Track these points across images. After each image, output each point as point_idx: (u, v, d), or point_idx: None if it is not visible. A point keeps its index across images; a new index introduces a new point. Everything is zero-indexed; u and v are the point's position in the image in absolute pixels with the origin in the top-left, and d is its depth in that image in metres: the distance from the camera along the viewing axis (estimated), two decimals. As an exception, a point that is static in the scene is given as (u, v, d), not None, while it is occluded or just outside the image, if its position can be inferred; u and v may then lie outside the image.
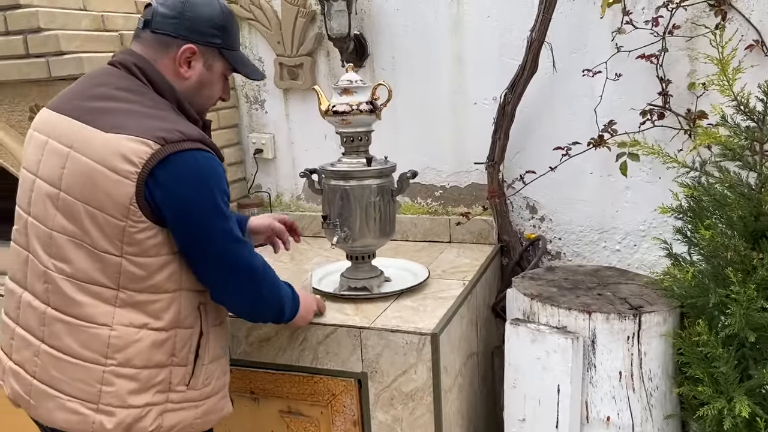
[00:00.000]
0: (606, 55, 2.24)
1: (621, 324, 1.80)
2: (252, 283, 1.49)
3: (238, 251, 1.45)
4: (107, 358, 1.37)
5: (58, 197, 1.36)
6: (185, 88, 1.46)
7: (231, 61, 1.51)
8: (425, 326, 1.77)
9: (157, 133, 1.31)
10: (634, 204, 2.38)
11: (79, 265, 1.36)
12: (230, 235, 1.41)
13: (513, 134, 2.40)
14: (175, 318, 1.42)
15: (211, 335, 1.52)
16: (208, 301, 1.51)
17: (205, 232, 1.37)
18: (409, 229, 2.63)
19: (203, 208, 1.35)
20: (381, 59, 2.55)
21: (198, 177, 1.34)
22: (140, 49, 1.45)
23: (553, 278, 2.11)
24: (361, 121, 1.92)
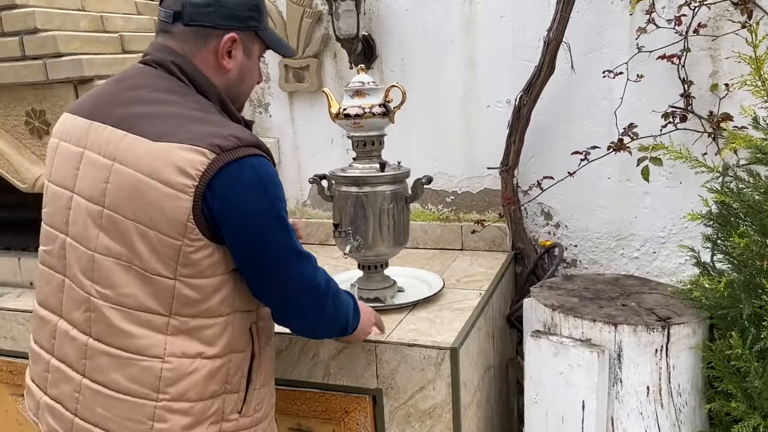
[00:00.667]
0: (625, 56, 2.16)
1: (649, 336, 1.71)
2: (318, 302, 1.37)
3: (302, 269, 1.32)
4: (159, 393, 1.24)
5: (101, 215, 1.22)
6: (228, 83, 1.34)
7: (268, 41, 1.39)
8: (443, 340, 1.69)
9: (212, 140, 1.17)
10: (653, 210, 2.30)
11: (126, 290, 1.22)
12: (294, 250, 1.30)
13: (528, 138, 2.31)
14: (229, 343, 1.31)
15: (263, 357, 1.42)
16: (260, 320, 1.40)
17: (268, 248, 1.25)
18: (419, 236, 2.55)
19: (265, 221, 1.23)
20: (390, 61, 2.47)
21: (258, 187, 1.21)
22: (174, 45, 1.30)
23: (572, 288, 2.03)
24: (373, 124, 1.84)
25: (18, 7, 2.03)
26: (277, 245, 1.26)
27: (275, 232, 1.25)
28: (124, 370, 1.24)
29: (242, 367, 1.35)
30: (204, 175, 1.16)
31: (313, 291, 1.35)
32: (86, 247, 1.26)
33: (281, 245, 1.27)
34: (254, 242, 1.23)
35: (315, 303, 1.37)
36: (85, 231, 1.25)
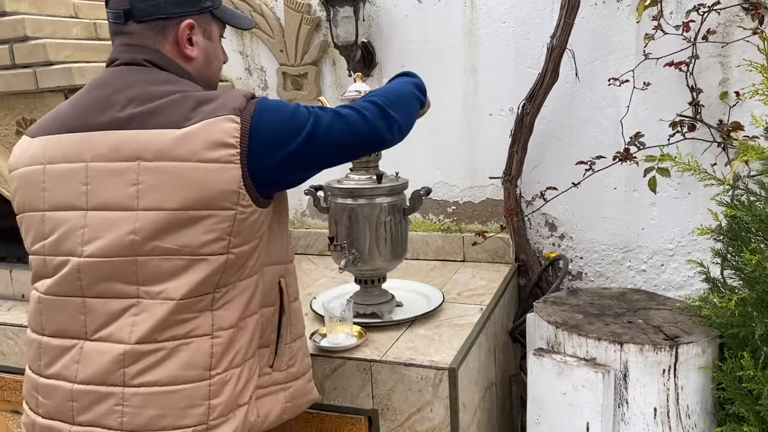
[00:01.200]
0: (632, 63, 2.09)
1: (656, 356, 1.64)
2: (384, 116, 1.34)
3: (356, 127, 1.30)
4: (211, 370, 1.22)
5: (135, 219, 1.18)
6: (197, 70, 1.32)
7: (224, 19, 1.37)
8: (442, 359, 1.62)
9: (229, 106, 1.19)
10: (661, 221, 2.22)
11: (179, 280, 1.20)
12: (335, 114, 1.29)
13: (531, 147, 2.25)
14: (261, 298, 1.33)
15: (292, 311, 1.43)
16: (288, 275, 1.42)
17: (322, 135, 1.25)
18: (420, 248, 2.49)
19: (299, 120, 1.24)
20: (390, 68, 2.41)
21: (277, 118, 1.23)
22: (135, 44, 1.27)
23: (577, 303, 1.96)
24: None
25: (8, 14, 1.99)
26: (326, 125, 1.26)
27: (316, 129, 1.25)
28: (175, 360, 1.20)
29: (272, 322, 1.37)
30: (242, 139, 1.18)
31: (371, 122, 1.32)
32: (124, 255, 1.20)
33: (326, 122, 1.27)
34: (313, 152, 1.26)
35: (381, 125, 1.33)
36: (117, 240, 1.19)
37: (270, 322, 1.37)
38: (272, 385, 1.37)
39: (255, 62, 2.58)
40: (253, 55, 2.58)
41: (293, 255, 1.47)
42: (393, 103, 1.36)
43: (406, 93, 1.45)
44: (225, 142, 1.17)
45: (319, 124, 1.25)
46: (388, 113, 1.33)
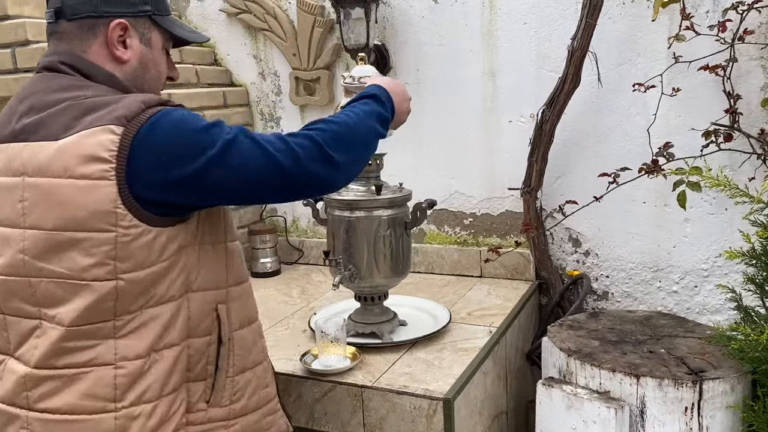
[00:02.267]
0: (661, 67, 1.92)
1: (677, 392, 1.48)
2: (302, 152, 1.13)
3: (256, 145, 1.11)
4: (116, 402, 1.12)
5: (23, 237, 1.12)
6: (128, 74, 1.21)
7: (167, 27, 1.26)
8: (437, 388, 1.50)
9: (115, 114, 1.07)
10: (694, 239, 2.04)
11: (67, 306, 1.11)
12: (236, 135, 1.10)
13: (552, 157, 2.10)
14: (184, 328, 1.18)
15: (236, 341, 1.27)
16: (232, 300, 1.26)
17: (212, 159, 1.08)
18: (434, 261, 2.36)
19: (203, 141, 1.08)
20: (405, 72, 2.30)
21: (171, 138, 1.08)
22: (63, 45, 1.18)
23: (596, 327, 1.80)
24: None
25: (10, 17, 1.96)
26: (217, 146, 1.09)
27: (206, 137, 1.09)
28: (75, 388, 1.12)
29: (207, 354, 1.22)
30: (120, 153, 1.05)
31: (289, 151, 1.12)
32: (20, 275, 1.14)
33: (217, 141, 1.09)
34: (206, 183, 1.09)
35: (310, 167, 1.13)
36: (14, 259, 1.13)
37: (203, 354, 1.22)
38: (209, 422, 1.23)
39: (269, 66, 2.50)
40: (266, 59, 2.50)
41: (243, 276, 1.30)
42: (339, 142, 1.17)
43: (360, 128, 1.25)
44: (97, 156, 1.05)
45: (229, 152, 1.08)
46: (328, 155, 1.15)
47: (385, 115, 1.32)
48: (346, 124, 1.22)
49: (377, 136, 1.31)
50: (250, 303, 1.33)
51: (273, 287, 2.31)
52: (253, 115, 2.57)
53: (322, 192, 1.24)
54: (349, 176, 1.23)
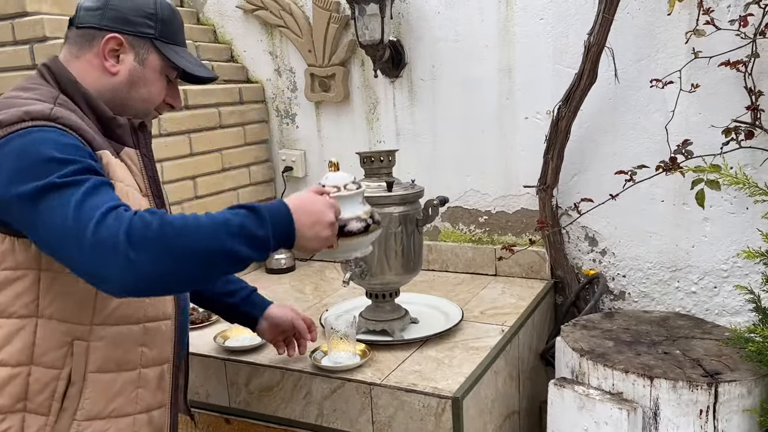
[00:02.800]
0: (681, 62, 1.88)
1: (692, 394, 1.45)
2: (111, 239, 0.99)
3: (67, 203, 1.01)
4: None
5: None
6: (114, 86, 1.25)
7: (168, 55, 1.28)
8: (446, 387, 1.48)
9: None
10: (714, 239, 2.00)
11: None
12: (47, 186, 1.02)
13: (568, 154, 2.07)
14: (26, 351, 1.13)
15: (91, 385, 1.18)
16: (96, 339, 1.18)
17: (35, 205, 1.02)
18: (449, 259, 2.34)
19: (25, 186, 1.03)
20: (420, 68, 2.28)
21: (21, 153, 1.04)
22: (63, 50, 1.27)
23: (610, 327, 1.77)
24: (348, 245, 1.33)
25: (29, 14, 1.98)
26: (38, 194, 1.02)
27: (35, 198, 1.02)
28: None
29: (51, 388, 1.15)
30: None
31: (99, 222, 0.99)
32: None
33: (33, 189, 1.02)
34: (20, 215, 1.04)
35: (102, 255, 0.99)
36: None
37: (47, 387, 1.15)
38: None
39: (284, 63, 2.50)
40: (282, 55, 2.50)
41: (132, 318, 1.22)
42: (149, 240, 0.99)
43: (197, 237, 1.03)
44: None
45: (45, 195, 1.01)
46: (123, 247, 0.98)
47: (256, 234, 1.07)
48: (178, 227, 1.02)
49: (231, 255, 1.05)
50: (132, 350, 1.23)
51: (287, 283, 2.31)
52: (269, 111, 2.58)
53: (96, 284, 1.03)
54: (145, 283, 1.01)
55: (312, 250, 1.20)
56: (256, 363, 1.68)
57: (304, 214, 1.14)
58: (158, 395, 1.30)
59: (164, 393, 1.31)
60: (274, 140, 2.60)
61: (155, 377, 1.29)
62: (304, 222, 1.14)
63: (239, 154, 2.44)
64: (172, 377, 1.35)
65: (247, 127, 2.48)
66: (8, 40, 2.00)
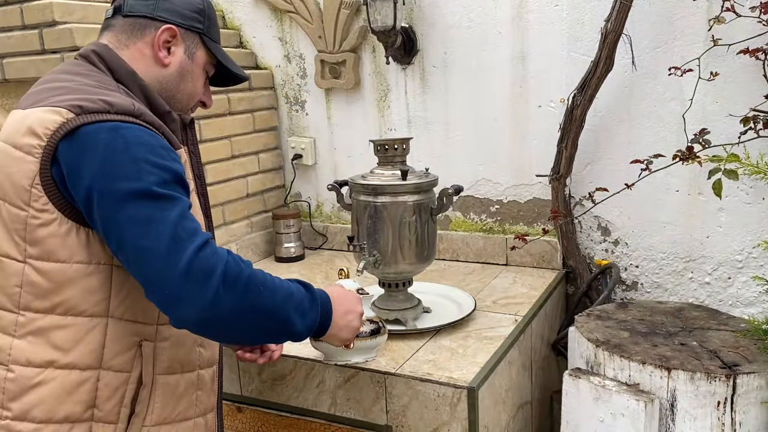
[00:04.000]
0: (699, 50, 1.86)
1: (709, 386, 1.43)
2: (201, 283, 0.99)
3: (158, 236, 0.99)
4: (2, 409, 1.06)
5: None
6: (165, 78, 1.23)
7: (214, 51, 1.28)
8: (461, 377, 1.47)
9: (76, 102, 1.04)
10: (729, 229, 1.98)
11: None
12: (147, 214, 1.00)
13: (582, 143, 2.05)
14: (95, 354, 1.09)
15: (160, 387, 1.16)
16: (162, 340, 1.17)
17: (117, 218, 1.00)
18: (459, 248, 2.32)
19: (112, 186, 1.00)
20: (432, 55, 2.26)
21: (110, 149, 1.01)
22: (108, 37, 1.22)
23: (625, 318, 1.75)
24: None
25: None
26: (126, 213, 1.00)
27: (126, 200, 0.99)
28: None
29: (121, 392, 1.12)
30: (53, 135, 1.02)
31: (187, 267, 0.98)
32: None
33: (131, 212, 1.00)
34: (103, 212, 1.00)
35: (195, 283, 0.98)
36: None
37: (116, 392, 1.11)
38: None
39: (294, 49, 2.48)
40: (292, 41, 2.47)
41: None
42: (241, 286, 1.01)
43: (273, 299, 1.06)
44: (34, 130, 1.03)
45: (137, 200, 0.99)
46: (216, 282, 0.99)
47: (309, 313, 1.13)
48: (260, 281, 1.05)
49: (289, 324, 1.09)
50: (192, 350, 1.22)
51: (297, 272, 2.30)
52: (278, 98, 2.55)
53: (172, 305, 1.00)
54: (218, 322, 1.02)
55: (340, 339, 1.27)
56: (269, 352, 1.66)
57: (339, 303, 1.23)
58: (212, 398, 1.31)
59: (215, 395, 1.32)
60: (283, 127, 2.57)
61: (209, 379, 1.29)
62: (338, 310, 1.22)
63: (248, 141, 2.42)
64: (219, 379, 1.36)
65: (256, 114, 2.46)
66: (17, 25, 1.98)
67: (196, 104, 1.33)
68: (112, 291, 1.10)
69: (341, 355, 1.51)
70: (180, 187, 1.06)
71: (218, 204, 2.28)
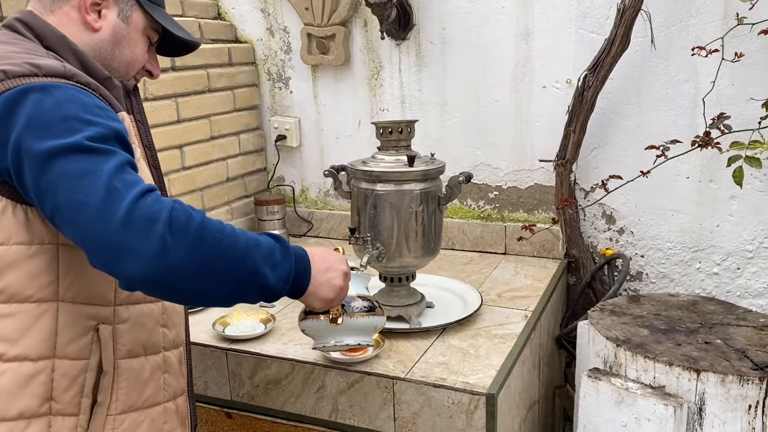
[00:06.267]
0: (717, 29, 1.75)
1: (741, 389, 1.35)
2: (143, 227, 0.86)
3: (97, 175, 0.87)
4: None
5: None
6: (97, 44, 1.10)
7: (153, 14, 1.14)
8: (478, 381, 1.35)
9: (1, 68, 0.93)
10: (740, 218, 1.90)
11: None
12: (80, 146, 0.88)
13: (591, 126, 1.94)
14: (47, 342, 0.99)
15: (123, 373, 1.07)
16: (120, 321, 1.07)
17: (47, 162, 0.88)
18: (456, 236, 2.20)
19: (45, 142, 0.88)
20: (428, 30, 2.11)
21: (39, 109, 0.90)
22: (32, 3, 1.10)
23: (640, 313, 1.66)
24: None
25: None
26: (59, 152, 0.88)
27: (57, 157, 0.87)
28: None
29: (80, 382, 1.02)
30: None
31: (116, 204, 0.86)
32: None
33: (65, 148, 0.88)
34: (32, 174, 0.89)
35: (136, 233, 0.86)
36: None
37: (75, 382, 1.02)
38: None
39: (277, 21, 2.30)
40: (275, 13, 2.29)
41: (148, 297, 1.10)
42: (191, 233, 0.89)
43: (236, 251, 0.93)
44: None
45: (67, 156, 0.87)
46: (162, 229, 0.86)
47: (282, 264, 1.00)
48: (217, 228, 0.92)
49: (258, 277, 0.96)
50: (155, 330, 1.14)
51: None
52: (260, 74, 2.38)
53: (115, 261, 0.87)
54: (170, 275, 0.88)
55: (321, 299, 1.11)
56: (262, 354, 1.52)
57: (320, 260, 1.10)
58: (180, 380, 1.22)
59: (184, 378, 1.24)
60: (264, 106, 2.40)
61: (176, 361, 1.20)
62: (318, 267, 1.09)
63: (228, 121, 2.24)
64: (187, 360, 1.26)
65: (237, 92, 2.28)
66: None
67: (141, 73, 1.20)
68: (60, 273, 1.00)
69: (331, 334, 1.24)
70: (119, 144, 0.93)
71: (197, 189, 2.11)
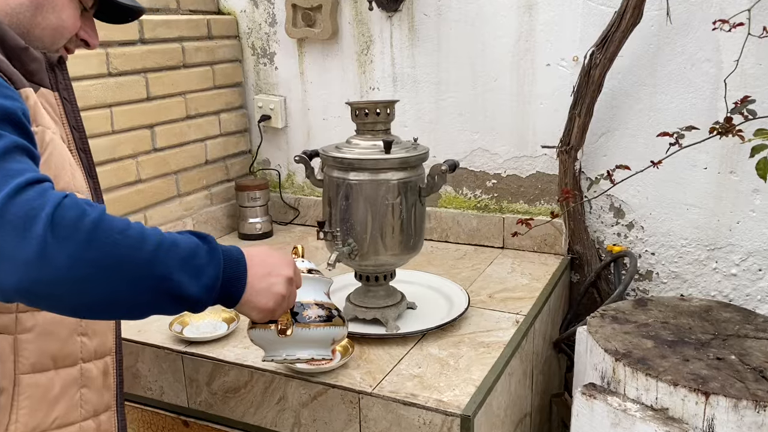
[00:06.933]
0: (745, 1, 1.55)
1: (757, 416, 1.17)
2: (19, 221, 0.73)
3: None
4: None
5: None
6: (14, 9, 0.98)
7: None
8: (454, 399, 1.20)
9: None
10: (764, 214, 1.71)
11: None
12: None
13: (598, 109, 1.75)
14: None
15: (26, 390, 0.97)
16: (23, 331, 0.96)
17: None
18: (450, 228, 2.03)
19: None
20: (423, 1, 1.92)
21: None
22: None
23: (646, 320, 1.48)
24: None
25: None
26: None
27: None
28: None
29: None
30: None
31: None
32: None
33: None
34: None
35: (9, 233, 0.72)
36: None
37: None
38: None
39: (261, -9, 2.13)
40: (259, -18, 2.12)
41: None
42: (87, 239, 0.73)
43: (140, 255, 0.77)
44: None
45: None
46: (46, 234, 0.71)
47: (205, 269, 0.84)
48: (118, 229, 0.77)
49: (170, 285, 0.80)
50: (70, 340, 1.01)
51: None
52: (243, 49, 2.21)
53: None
54: (49, 286, 0.74)
55: (260, 309, 0.94)
56: (220, 359, 1.38)
57: (258, 263, 0.93)
58: (105, 395, 1.09)
59: (110, 392, 1.10)
60: (249, 83, 2.24)
61: (99, 374, 1.07)
62: (256, 272, 0.92)
63: (207, 99, 2.08)
64: (116, 372, 1.12)
65: (217, 67, 2.12)
66: None
67: (74, 42, 1.06)
68: None
69: (282, 346, 1.07)
70: (10, 126, 0.79)
71: (170, 172, 1.96)
